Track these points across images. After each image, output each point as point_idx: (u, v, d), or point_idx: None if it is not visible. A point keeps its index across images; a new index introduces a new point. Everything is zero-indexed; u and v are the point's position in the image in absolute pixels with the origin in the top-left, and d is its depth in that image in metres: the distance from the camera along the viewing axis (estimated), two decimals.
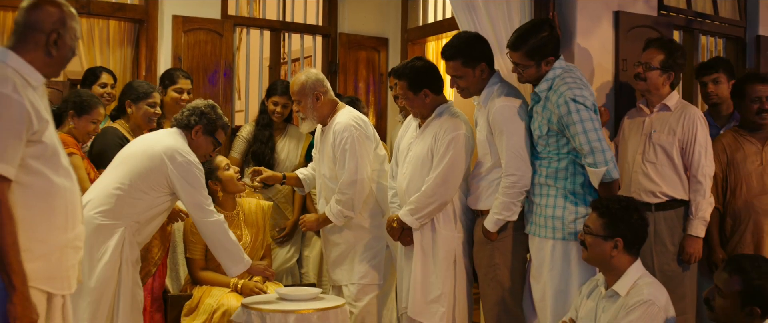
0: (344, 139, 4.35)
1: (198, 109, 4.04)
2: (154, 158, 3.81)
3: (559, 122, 3.71)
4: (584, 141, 3.63)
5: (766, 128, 4.36)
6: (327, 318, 3.88)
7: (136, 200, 3.82)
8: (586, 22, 4.56)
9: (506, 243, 3.97)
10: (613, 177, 3.66)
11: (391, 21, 6.51)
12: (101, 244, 3.72)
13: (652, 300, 3.23)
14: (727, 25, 5.54)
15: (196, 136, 4.01)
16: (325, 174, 4.52)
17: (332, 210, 4.41)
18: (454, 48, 3.98)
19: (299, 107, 4.47)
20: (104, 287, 3.73)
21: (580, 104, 3.65)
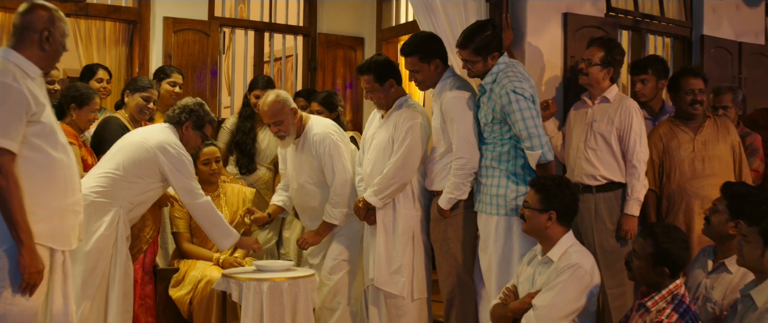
0: (327, 146, 4.76)
1: (187, 107, 4.48)
2: (148, 150, 4.27)
3: (501, 111, 4.18)
4: (523, 128, 4.11)
5: (698, 118, 4.80)
6: (297, 285, 4.34)
7: (130, 183, 4.28)
8: (536, 22, 5.04)
9: (458, 219, 4.44)
10: (548, 159, 4.13)
11: (366, 22, 6.98)
12: (97, 218, 4.18)
13: (579, 264, 3.69)
14: (674, 25, 6.00)
15: (186, 131, 4.46)
16: (307, 181, 4.87)
17: (334, 215, 4.77)
18: (412, 45, 4.46)
19: (279, 127, 4.74)
20: (98, 257, 4.18)
21: (519, 95, 4.12)
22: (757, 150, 5.11)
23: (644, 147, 4.55)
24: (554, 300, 3.63)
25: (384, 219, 4.56)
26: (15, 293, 3.08)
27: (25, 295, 3.10)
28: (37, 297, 3.16)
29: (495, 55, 4.29)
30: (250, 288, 4.24)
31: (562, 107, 5.06)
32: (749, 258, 3.14)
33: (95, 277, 4.18)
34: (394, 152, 4.52)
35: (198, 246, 4.97)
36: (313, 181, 4.85)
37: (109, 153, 4.39)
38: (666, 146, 4.79)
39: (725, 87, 5.24)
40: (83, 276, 4.14)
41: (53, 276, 3.24)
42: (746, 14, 6.30)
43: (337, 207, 4.77)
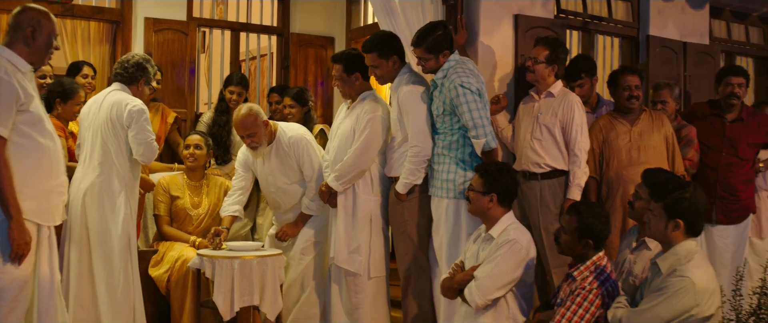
0: (304, 146, 5.20)
1: (140, 64, 4.88)
2: (112, 116, 4.67)
3: (451, 104, 4.61)
4: (469, 118, 4.54)
5: (635, 112, 5.23)
6: (265, 263, 4.75)
7: (120, 153, 4.70)
8: (489, 23, 5.46)
9: (414, 203, 4.87)
10: (492, 147, 4.56)
11: (336, 22, 7.40)
12: (113, 200, 4.65)
13: (516, 240, 4.11)
14: (621, 26, 6.43)
15: (140, 87, 4.88)
16: (285, 183, 5.24)
17: (312, 207, 5.21)
18: (371, 43, 4.89)
19: (252, 139, 5.09)
20: (130, 236, 4.69)
21: (466, 89, 4.55)
22: (692, 141, 5.56)
23: (585, 138, 4.98)
24: (493, 271, 4.05)
25: (344, 203, 4.99)
26: (5, 262, 3.52)
27: (14, 264, 3.51)
28: (25, 267, 3.57)
29: (446, 53, 4.71)
30: (222, 266, 4.64)
31: (513, 101, 5.47)
32: (655, 230, 3.58)
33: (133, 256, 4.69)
34: (354, 141, 4.94)
35: (176, 230, 5.36)
36: (292, 181, 5.25)
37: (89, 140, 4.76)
38: (605, 136, 5.21)
39: (663, 83, 5.68)
40: (124, 259, 4.64)
41: (40, 249, 3.66)
42: (691, 16, 6.73)
43: (314, 200, 5.19)
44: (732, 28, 7.37)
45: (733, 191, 5.71)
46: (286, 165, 5.22)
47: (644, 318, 3.40)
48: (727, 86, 5.72)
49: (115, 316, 4.60)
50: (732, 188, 5.70)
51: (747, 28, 7.45)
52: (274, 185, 5.28)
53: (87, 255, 4.62)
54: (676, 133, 5.43)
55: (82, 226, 4.62)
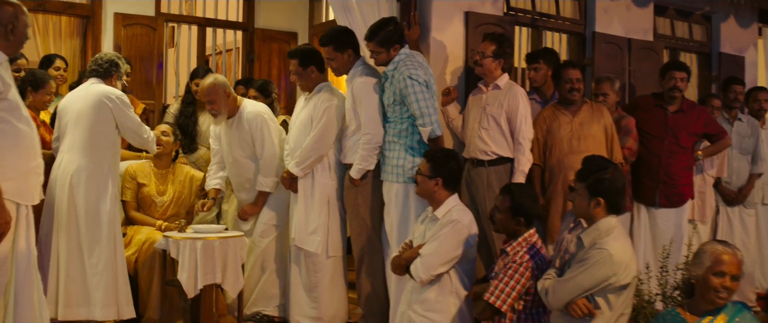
0: (259, 123, 5.51)
1: (113, 60, 5.25)
2: (97, 105, 5.02)
3: (400, 94, 4.94)
4: (416, 108, 4.87)
5: (576, 103, 5.58)
6: (227, 244, 5.05)
7: (106, 142, 5.04)
8: (440, 20, 5.79)
9: (367, 187, 5.20)
10: (437, 134, 4.90)
11: (299, 18, 7.72)
12: (103, 182, 5.02)
13: (459, 220, 4.45)
14: (569, 23, 6.80)
15: (114, 81, 5.22)
16: (239, 154, 5.59)
17: (265, 183, 5.52)
18: (328, 37, 5.22)
19: (212, 106, 5.50)
20: (116, 214, 5.10)
21: (414, 81, 4.89)
22: (631, 131, 5.92)
23: (529, 127, 5.33)
24: (437, 248, 4.38)
25: (304, 187, 5.31)
26: None
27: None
28: (5, 244, 3.85)
29: (396, 47, 5.05)
30: (186, 246, 4.94)
31: (463, 93, 5.81)
32: (579, 208, 3.93)
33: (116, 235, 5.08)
34: (312, 129, 5.26)
35: (143, 214, 5.65)
36: (246, 155, 5.57)
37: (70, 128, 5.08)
38: (549, 126, 5.56)
39: (604, 77, 6.05)
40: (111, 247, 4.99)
41: (18, 227, 3.93)
42: (635, 13, 7.11)
43: (267, 176, 5.50)
44: (676, 25, 7.74)
45: (675, 176, 6.09)
46: (243, 139, 5.54)
47: (568, 287, 3.75)
48: (670, 80, 6.11)
49: (104, 292, 4.94)
50: (673, 174, 6.09)
51: (690, 26, 7.83)
52: (232, 155, 5.62)
53: (76, 233, 4.94)
54: (616, 123, 5.79)
55: (70, 206, 4.93)
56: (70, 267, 4.90)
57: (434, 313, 4.42)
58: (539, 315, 4.14)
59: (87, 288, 4.93)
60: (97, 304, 4.92)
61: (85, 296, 4.91)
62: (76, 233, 4.94)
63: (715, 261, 3.35)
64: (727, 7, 7.90)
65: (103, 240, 4.98)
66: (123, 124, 5.14)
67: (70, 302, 4.88)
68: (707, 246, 3.45)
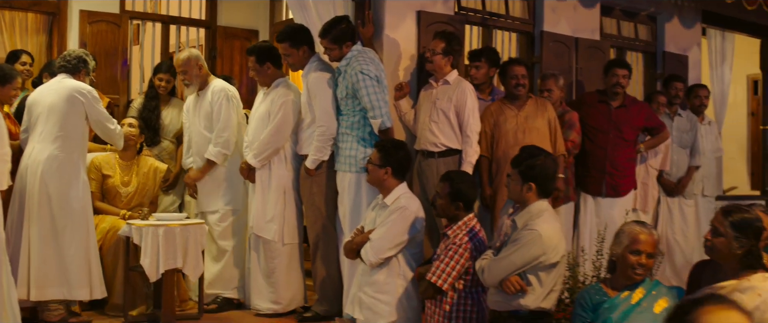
0: (221, 97, 5.83)
1: (81, 57, 5.48)
2: (69, 98, 5.25)
3: (352, 88, 5.23)
4: (367, 101, 5.16)
5: (521, 98, 5.91)
6: (188, 231, 5.30)
7: (76, 134, 5.27)
8: (393, 19, 6.07)
9: (322, 177, 5.48)
10: (387, 126, 5.19)
11: (260, 16, 7.98)
12: (74, 170, 5.24)
13: (406, 207, 4.74)
14: (518, 22, 7.12)
15: (82, 77, 5.44)
16: (200, 126, 5.90)
17: (212, 152, 5.81)
18: (284, 34, 5.51)
19: (185, 76, 5.89)
20: (88, 201, 5.33)
21: (365, 75, 5.17)
22: (574, 125, 6.27)
23: (476, 121, 5.64)
24: (385, 234, 4.67)
25: (261, 177, 5.58)
26: None
27: None
28: None
29: (349, 44, 5.33)
30: (148, 233, 5.18)
31: (415, 88, 6.10)
32: (513, 192, 4.25)
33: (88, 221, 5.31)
34: (269, 122, 5.53)
35: (107, 204, 5.88)
36: (206, 128, 5.87)
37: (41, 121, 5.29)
38: (495, 120, 5.88)
39: (549, 74, 6.39)
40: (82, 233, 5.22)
41: None
42: (582, 14, 7.45)
43: (216, 146, 5.80)
44: (622, 25, 8.09)
45: (620, 168, 6.46)
46: (205, 111, 5.85)
47: (502, 265, 4.06)
48: (612, 77, 6.47)
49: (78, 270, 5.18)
50: (619, 166, 6.45)
51: (636, 26, 8.20)
52: (196, 128, 5.94)
53: (49, 218, 5.14)
54: (560, 118, 6.13)
55: (41, 193, 5.14)
56: (43, 250, 5.11)
57: (383, 294, 4.71)
58: (478, 294, 4.45)
59: (61, 270, 5.14)
60: (71, 284, 5.15)
61: (60, 277, 5.13)
62: (49, 219, 5.14)
63: (633, 240, 3.66)
64: (671, 8, 8.28)
65: (74, 224, 5.20)
66: (93, 118, 5.38)
67: (43, 283, 5.08)
68: (626, 227, 3.76)
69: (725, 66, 9.60)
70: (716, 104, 9.78)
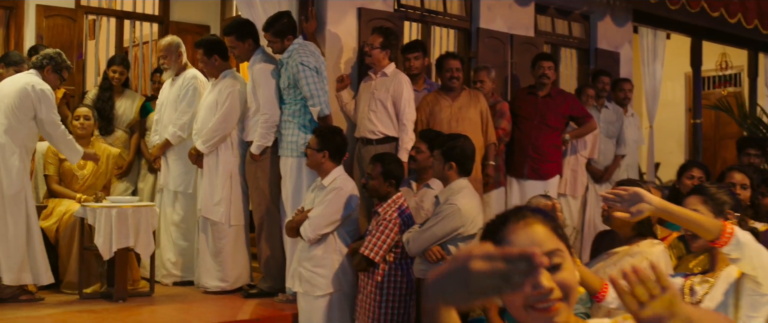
0: (190, 85, 6.26)
1: (48, 54, 5.76)
2: (21, 91, 5.51)
3: (294, 78, 5.61)
4: (307, 90, 5.55)
5: (456, 90, 6.34)
6: (139, 212, 5.64)
7: (21, 125, 5.51)
8: (335, 15, 6.46)
9: (266, 162, 5.85)
10: (325, 113, 5.58)
11: (211, 12, 8.34)
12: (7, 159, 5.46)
13: (341, 187, 5.13)
14: (456, 19, 7.55)
15: (47, 73, 5.71)
16: (169, 108, 6.30)
17: (171, 133, 6.22)
18: (230, 28, 5.88)
19: (164, 60, 6.36)
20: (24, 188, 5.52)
21: (305, 66, 5.56)
22: (505, 114, 6.72)
23: (412, 110, 6.05)
24: (322, 212, 5.06)
25: (209, 163, 5.95)
26: None
27: None
28: None
29: (290, 38, 5.72)
30: (102, 213, 5.51)
31: (356, 80, 6.49)
32: (437, 171, 4.67)
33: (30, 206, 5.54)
34: (217, 111, 5.90)
35: (64, 188, 6.20)
36: (171, 109, 6.28)
37: None
38: (431, 110, 6.30)
39: (481, 67, 6.83)
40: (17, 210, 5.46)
41: None
42: (517, 12, 7.91)
43: (174, 127, 6.19)
44: (556, 23, 8.57)
45: (542, 152, 6.93)
46: (173, 96, 6.29)
47: (425, 236, 4.48)
48: (539, 68, 6.94)
49: (9, 259, 5.42)
50: (540, 149, 6.92)
51: (570, 24, 8.67)
52: (166, 115, 6.36)
53: None
54: (492, 108, 6.57)
55: None
56: None
57: (321, 268, 5.10)
58: (408, 266, 4.86)
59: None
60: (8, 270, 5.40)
61: None
62: None
63: None
64: (603, 8, 8.77)
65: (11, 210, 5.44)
66: (39, 116, 5.56)
67: None
68: (533, 200, 4.20)
69: (657, 63, 10.12)
70: (648, 100, 10.32)
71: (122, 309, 5.35)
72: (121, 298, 5.53)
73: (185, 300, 5.81)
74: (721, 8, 9.16)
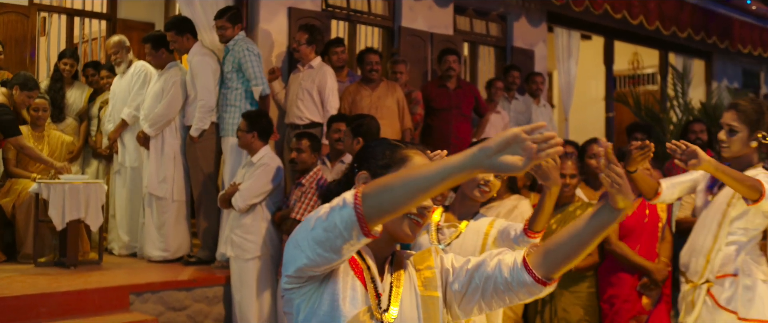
0: (142, 70, 7.01)
1: (20, 75, 6.48)
2: None
3: (238, 62, 6.34)
4: (251, 72, 6.31)
5: (375, 81, 7.11)
6: (89, 188, 6.30)
7: None
8: (267, 14, 7.21)
9: (205, 143, 6.57)
10: (266, 93, 6.36)
11: (156, 10, 9.01)
12: None
13: (268, 163, 5.86)
14: (380, 18, 8.33)
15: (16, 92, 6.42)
16: (122, 96, 6.99)
17: (125, 113, 6.92)
18: (170, 24, 6.60)
19: (115, 56, 7.10)
20: None
21: (250, 52, 6.35)
22: (419, 101, 7.53)
23: (335, 99, 6.81)
24: (252, 185, 5.79)
25: (155, 145, 6.65)
26: None
27: None
28: None
29: (239, 26, 6.47)
30: (55, 189, 6.16)
31: (286, 72, 7.24)
32: (346, 145, 5.44)
33: None
34: (163, 99, 6.60)
35: (21, 170, 6.83)
36: (123, 97, 6.98)
37: None
38: (353, 99, 7.06)
39: (399, 60, 7.63)
40: None
41: None
42: (437, 12, 8.72)
43: (130, 109, 6.91)
44: (474, 23, 9.41)
45: (461, 139, 7.73)
46: (125, 86, 6.99)
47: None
48: (445, 63, 7.76)
49: None
50: (461, 137, 7.72)
51: (488, 24, 9.52)
52: (117, 97, 7.07)
53: None
54: (407, 96, 7.36)
55: None
56: None
57: (250, 235, 5.82)
58: None
59: None
60: None
61: None
62: None
63: None
64: (518, 9, 9.65)
65: None
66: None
67: None
68: None
69: (572, 61, 10.99)
70: (563, 95, 11.20)
71: (74, 273, 6.00)
72: (72, 264, 6.18)
73: (131, 267, 6.50)
74: (623, 10, 10.09)
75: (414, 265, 2.14)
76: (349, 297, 1.95)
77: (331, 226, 1.77)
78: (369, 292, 2.00)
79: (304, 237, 1.82)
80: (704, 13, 11.81)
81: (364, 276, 2.02)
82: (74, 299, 5.36)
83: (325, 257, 1.82)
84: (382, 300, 2.01)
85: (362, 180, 2.05)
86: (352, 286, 1.97)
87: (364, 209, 1.73)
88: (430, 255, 2.14)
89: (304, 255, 1.83)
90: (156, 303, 5.70)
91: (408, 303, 2.04)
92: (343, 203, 1.76)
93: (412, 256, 2.16)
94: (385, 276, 2.07)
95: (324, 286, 1.95)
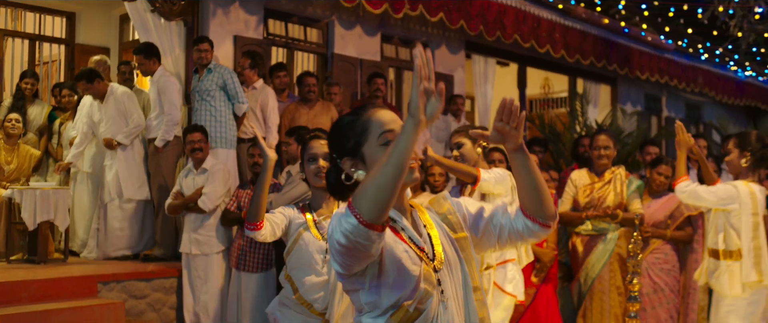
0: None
1: None
2: None
3: (223, 81, 7.26)
4: (234, 91, 7.26)
5: (312, 101, 8.07)
6: (58, 193, 7.10)
7: None
8: (215, 41, 8.11)
9: (167, 153, 7.44)
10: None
11: (111, 35, 9.85)
12: None
13: (223, 168, 6.77)
14: (315, 45, 9.33)
15: None
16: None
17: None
18: (139, 49, 7.49)
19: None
20: None
21: (232, 73, 7.33)
22: None
23: (276, 116, 7.77)
24: (216, 187, 6.65)
25: (126, 154, 7.50)
26: None
27: None
28: None
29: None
30: (28, 193, 6.97)
31: None
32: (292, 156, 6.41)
33: None
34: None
35: None
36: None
37: None
38: (292, 116, 8.02)
39: (333, 83, 8.63)
40: None
41: None
42: (366, 40, 9.76)
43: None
44: (400, 50, 10.47)
45: None
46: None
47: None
48: (373, 85, 8.75)
49: None
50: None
51: (411, 51, 10.57)
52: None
53: None
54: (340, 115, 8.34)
55: None
56: None
57: (214, 232, 6.67)
58: None
59: None
60: None
61: None
62: None
63: None
64: (439, 38, 10.76)
65: None
66: None
67: None
68: None
69: (488, 85, 12.11)
70: (481, 116, 12.32)
71: (43, 267, 6.81)
72: (42, 261, 6.99)
73: (94, 262, 7.33)
74: (531, 40, 11.30)
75: (433, 210, 2.42)
76: (407, 258, 2.20)
77: (352, 249, 2.00)
78: (413, 248, 2.24)
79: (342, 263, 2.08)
80: (606, 43, 13.13)
81: (403, 237, 2.26)
82: (50, 286, 6.17)
83: (364, 261, 2.09)
84: (427, 251, 2.28)
85: (349, 167, 2.30)
86: (405, 249, 2.21)
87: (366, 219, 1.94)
88: (445, 201, 2.42)
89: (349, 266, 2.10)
90: (120, 291, 6.55)
91: (447, 246, 2.33)
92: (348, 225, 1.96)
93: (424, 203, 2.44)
94: (419, 229, 2.33)
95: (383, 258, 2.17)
